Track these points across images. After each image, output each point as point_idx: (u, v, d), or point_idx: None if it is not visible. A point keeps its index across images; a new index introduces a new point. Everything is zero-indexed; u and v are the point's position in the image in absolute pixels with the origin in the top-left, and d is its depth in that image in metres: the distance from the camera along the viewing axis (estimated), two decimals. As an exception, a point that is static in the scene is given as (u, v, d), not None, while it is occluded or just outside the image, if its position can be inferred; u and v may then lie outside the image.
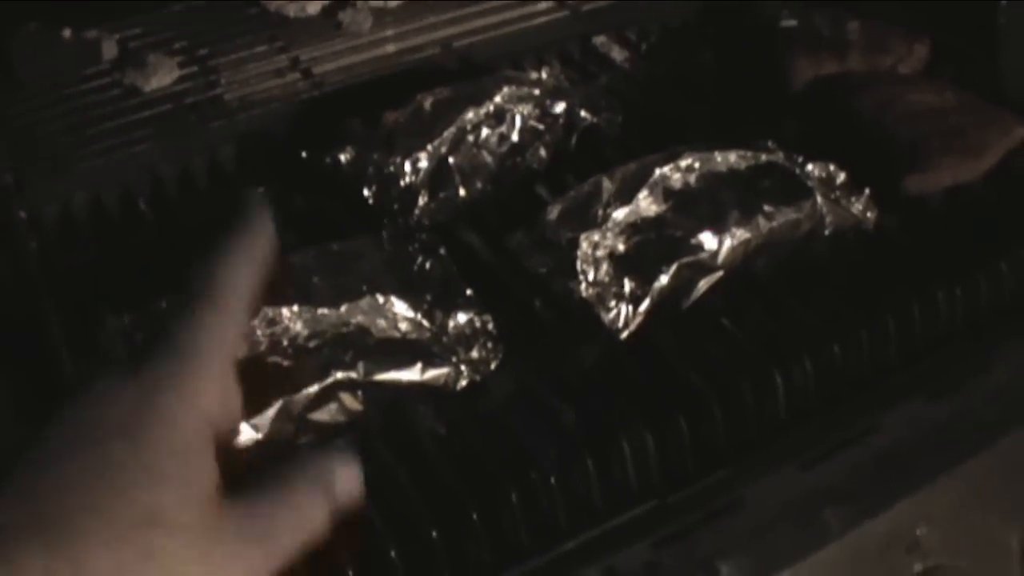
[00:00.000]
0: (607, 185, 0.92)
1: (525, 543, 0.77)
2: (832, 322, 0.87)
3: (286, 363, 0.80)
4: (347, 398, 0.79)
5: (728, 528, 0.82)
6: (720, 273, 0.88)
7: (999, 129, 1.02)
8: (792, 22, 1.17)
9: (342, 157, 1.01)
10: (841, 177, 0.96)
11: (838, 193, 0.95)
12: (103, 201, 1.05)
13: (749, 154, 0.95)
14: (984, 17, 1.17)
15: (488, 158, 1.01)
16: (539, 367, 0.84)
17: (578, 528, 0.78)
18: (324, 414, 0.79)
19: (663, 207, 0.90)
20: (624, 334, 0.84)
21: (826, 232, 0.93)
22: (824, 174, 0.96)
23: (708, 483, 0.82)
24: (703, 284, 0.87)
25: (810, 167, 0.96)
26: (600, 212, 0.89)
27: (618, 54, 1.23)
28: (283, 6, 1.17)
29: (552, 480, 0.77)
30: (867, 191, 0.95)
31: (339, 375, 0.79)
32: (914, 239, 0.96)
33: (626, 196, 0.90)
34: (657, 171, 0.91)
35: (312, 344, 0.81)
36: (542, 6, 1.25)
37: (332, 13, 1.19)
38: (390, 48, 1.13)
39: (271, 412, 0.77)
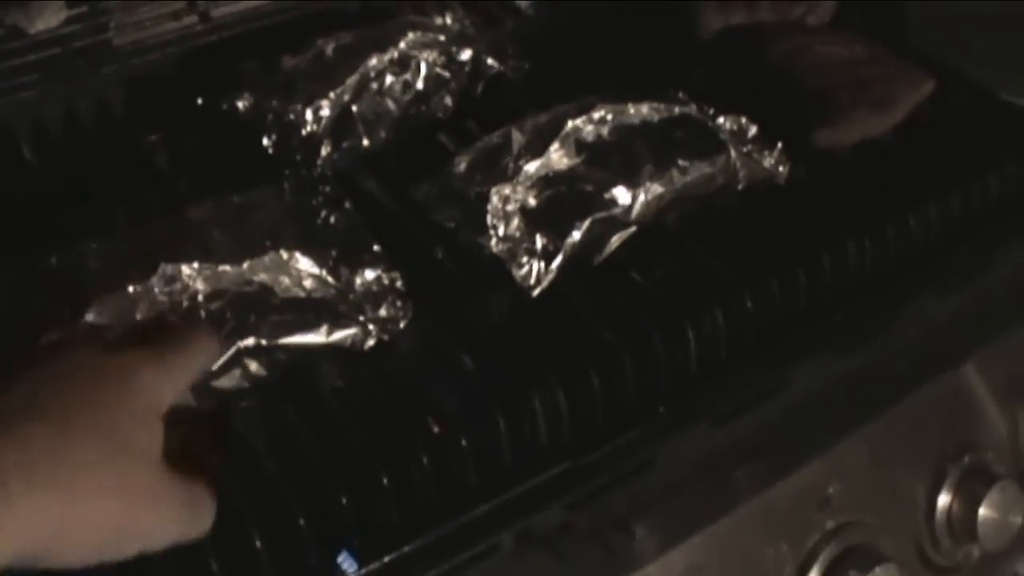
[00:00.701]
0: (517, 137, 0.89)
1: (436, 505, 0.75)
2: (743, 274, 0.86)
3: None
4: (251, 363, 0.76)
5: (641, 488, 0.81)
6: (633, 228, 0.86)
7: (908, 83, 1.02)
8: (701, -28, 1.15)
9: (239, 103, 0.97)
10: (752, 130, 0.95)
11: (750, 147, 0.93)
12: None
13: (662, 106, 0.93)
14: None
15: (392, 106, 0.98)
16: (448, 324, 0.82)
17: (490, 490, 0.76)
18: (227, 380, 0.76)
19: (575, 160, 0.88)
20: (536, 291, 0.82)
21: (739, 187, 0.91)
22: (735, 127, 0.95)
23: (620, 443, 0.80)
24: (615, 239, 0.85)
25: (721, 120, 0.95)
26: (511, 165, 0.87)
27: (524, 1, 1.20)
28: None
29: (463, 441, 0.75)
30: (779, 145, 0.94)
31: (243, 343, 0.76)
32: (824, 191, 0.95)
33: (537, 148, 0.88)
34: (569, 123, 0.89)
35: (214, 305, 0.78)
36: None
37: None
38: (286, -7, 1.09)
39: None
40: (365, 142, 0.96)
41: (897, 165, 0.98)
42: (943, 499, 0.90)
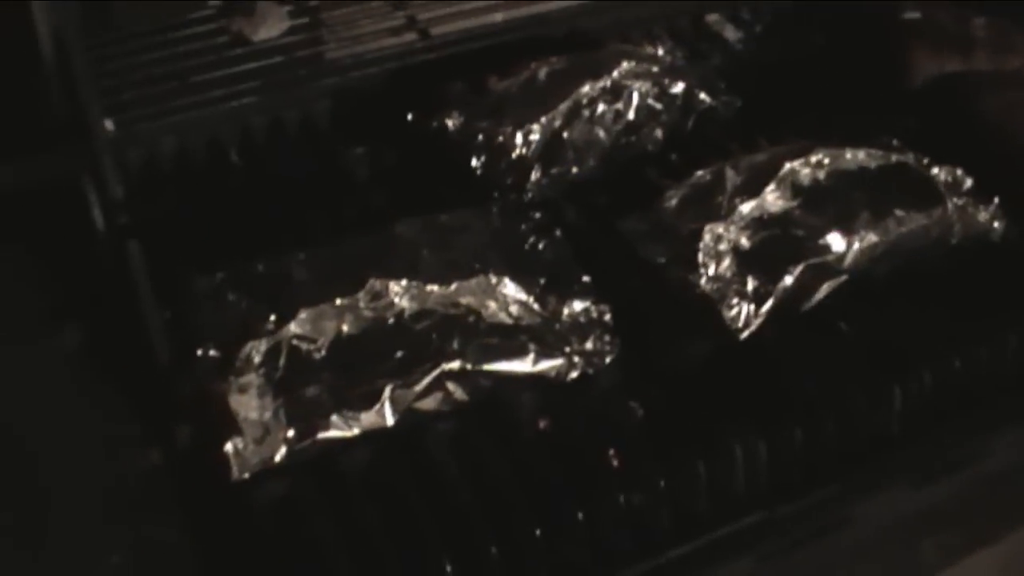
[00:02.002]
0: (731, 175, 0.88)
1: (625, 547, 0.74)
2: (952, 336, 0.84)
3: (398, 353, 0.77)
4: (453, 387, 0.76)
5: (835, 546, 0.79)
6: (844, 277, 0.84)
7: None
8: (916, 14, 1.12)
9: (449, 122, 0.97)
10: (968, 183, 0.92)
11: (965, 200, 0.91)
12: (192, 150, 1.01)
13: (879, 153, 0.91)
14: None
15: (602, 135, 0.97)
16: (653, 362, 0.81)
17: (682, 535, 0.75)
18: (429, 403, 0.76)
19: (791, 203, 0.86)
20: (744, 334, 0.81)
21: (953, 241, 0.89)
22: (950, 178, 0.92)
23: (817, 497, 0.78)
24: (826, 287, 0.83)
25: (936, 170, 0.92)
26: (724, 203, 0.86)
27: (731, 33, 1.18)
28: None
29: (661, 482, 0.73)
30: (996, 200, 0.91)
31: (448, 366, 0.76)
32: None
33: (753, 189, 0.86)
34: (787, 165, 0.88)
35: (419, 325, 0.78)
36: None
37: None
38: (498, 17, 1.08)
39: (380, 406, 0.75)
40: (574, 169, 0.95)
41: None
42: None
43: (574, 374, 0.78)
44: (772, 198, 0.86)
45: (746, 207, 0.85)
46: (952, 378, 0.82)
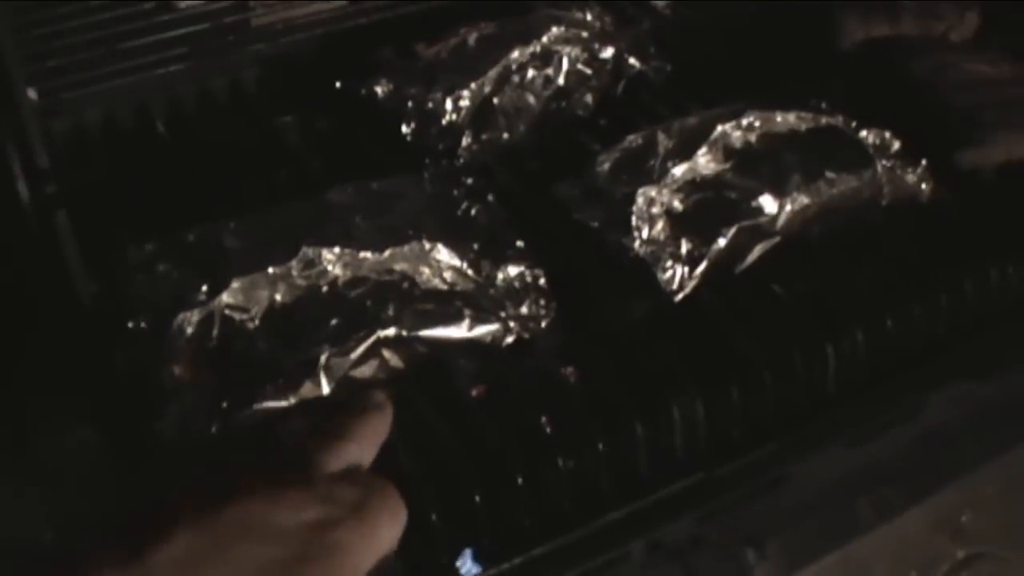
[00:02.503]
0: (663, 139, 0.88)
1: (568, 509, 0.74)
2: (885, 294, 0.84)
3: (333, 321, 0.76)
4: (389, 354, 0.75)
5: (774, 505, 0.80)
6: (777, 238, 0.84)
7: (1055, 104, 0.99)
8: (842, -20, 1.13)
9: (378, 89, 0.96)
10: (896, 145, 0.93)
11: (894, 162, 0.91)
12: (119, 118, 0.99)
13: (809, 116, 0.92)
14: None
15: (532, 100, 0.97)
16: (589, 325, 0.81)
17: (623, 497, 0.75)
18: (365, 370, 0.75)
19: (723, 166, 0.86)
20: (679, 296, 0.81)
21: (883, 202, 0.89)
22: (879, 141, 0.93)
23: (756, 457, 0.79)
24: (758, 248, 0.84)
25: (864, 133, 0.93)
26: (657, 167, 0.86)
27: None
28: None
29: (599, 445, 0.74)
30: (923, 162, 0.92)
31: (383, 333, 0.75)
32: (967, 213, 0.92)
33: (685, 152, 0.86)
34: (718, 128, 0.88)
35: (353, 293, 0.77)
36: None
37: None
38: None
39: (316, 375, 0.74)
40: (505, 135, 0.95)
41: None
42: (1080, 537, 0.87)
43: (510, 339, 0.78)
44: (704, 161, 0.86)
45: (678, 170, 0.85)
46: (885, 337, 0.83)
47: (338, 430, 0.63)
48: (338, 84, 0.97)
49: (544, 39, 0.99)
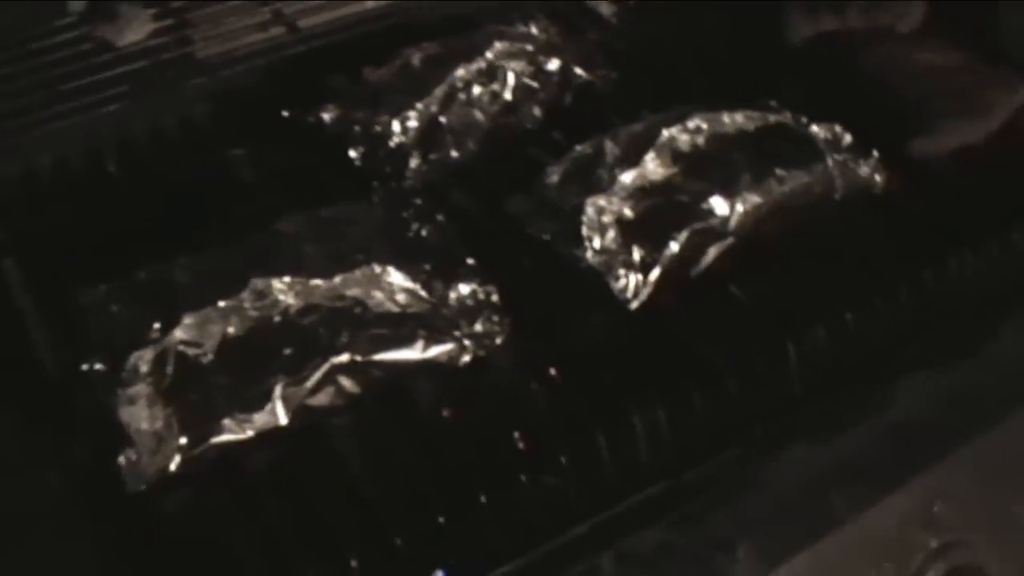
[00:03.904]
0: (610, 147, 0.88)
1: (536, 525, 0.73)
2: (845, 290, 0.84)
3: (286, 351, 0.75)
4: (345, 381, 0.75)
5: (743, 507, 0.79)
6: (731, 240, 0.84)
7: (1004, 89, 0.99)
8: (790, -23, 1.13)
9: (325, 116, 0.95)
10: (847, 139, 0.92)
11: (845, 155, 0.91)
12: (70, 161, 0.99)
13: (756, 115, 0.91)
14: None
15: (480, 117, 0.97)
16: (546, 339, 0.80)
17: (590, 510, 0.74)
18: (322, 398, 0.75)
19: (672, 170, 0.86)
20: (634, 304, 0.80)
21: (836, 196, 0.89)
22: (830, 135, 0.92)
23: (722, 461, 0.78)
24: (713, 251, 0.83)
25: (815, 128, 0.93)
26: (605, 175, 0.85)
27: (606, 8, 1.18)
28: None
29: (562, 459, 0.73)
30: (875, 154, 0.91)
31: (337, 359, 0.75)
32: (922, 203, 0.92)
33: (632, 158, 0.86)
34: (664, 132, 0.87)
35: (306, 321, 0.76)
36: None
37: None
38: (369, 4, 1.06)
39: (272, 405, 0.73)
40: (454, 153, 0.94)
41: (994, 174, 0.95)
42: (1052, 520, 0.87)
43: (466, 357, 0.77)
44: (653, 166, 0.86)
45: (627, 177, 0.85)
46: (847, 332, 0.82)
47: None
48: (285, 113, 0.97)
49: (489, 55, 0.98)
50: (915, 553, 0.82)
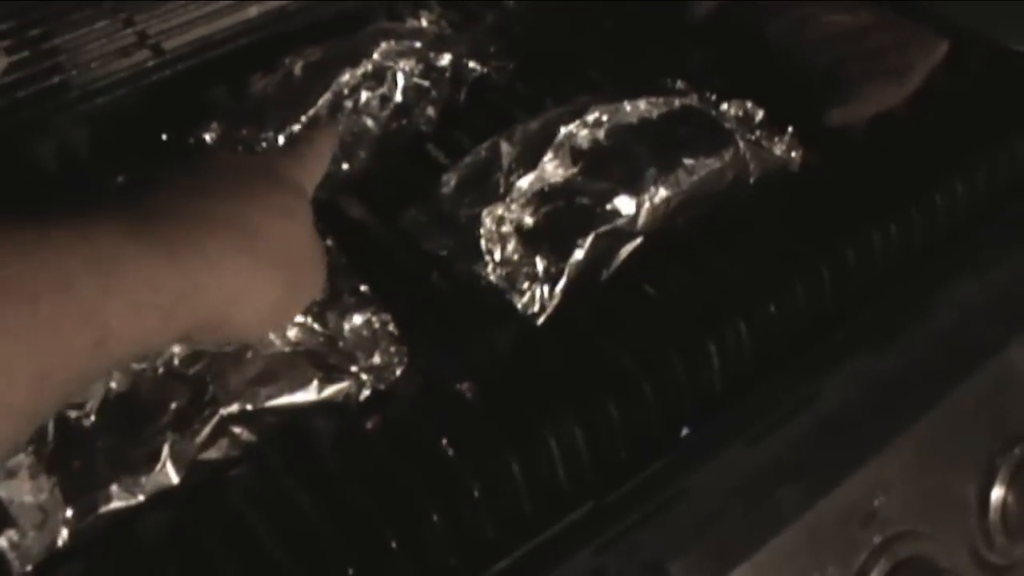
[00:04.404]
0: (506, 148, 0.83)
1: (453, 564, 0.69)
2: (764, 278, 0.80)
3: (173, 404, 0.70)
4: (238, 430, 0.70)
5: (674, 522, 0.75)
6: (640, 239, 0.79)
7: (921, 48, 0.95)
8: (688, -55, 1.08)
9: (207, 136, 0.90)
10: (759, 115, 0.88)
11: (759, 133, 0.87)
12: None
13: (661, 100, 0.86)
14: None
15: (371, 124, 0.91)
16: (448, 362, 0.76)
17: (511, 542, 0.70)
18: (215, 451, 0.70)
19: (572, 170, 0.81)
20: (541, 319, 0.76)
21: (751, 180, 0.85)
22: (741, 112, 0.88)
23: (646, 476, 0.74)
24: (623, 252, 0.79)
25: (725, 106, 0.89)
26: (502, 181, 0.80)
27: (505, -10, 1.13)
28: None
29: (474, 491, 0.69)
30: (790, 130, 0.87)
31: (226, 410, 0.70)
32: (841, 176, 0.89)
33: (529, 161, 0.81)
34: (562, 130, 0.82)
35: (192, 370, 0.71)
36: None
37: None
38: (252, 11, 1.00)
39: (162, 465, 0.69)
40: (345, 166, 0.89)
41: (916, 139, 0.91)
42: (996, 495, 0.83)
43: (366, 392, 0.73)
44: (551, 168, 0.81)
45: (524, 182, 0.80)
46: (770, 323, 0.79)
47: None
48: (164, 136, 0.91)
49: (375, 56, 0.93)
50: (858, 551, 0.79)
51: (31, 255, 0.53)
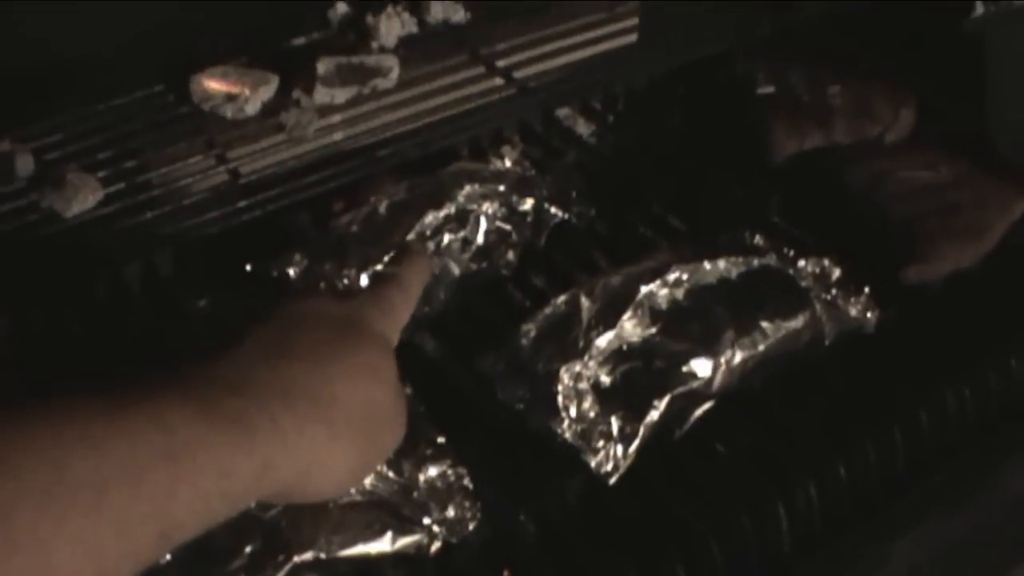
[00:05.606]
0: (586, 303, 0.83)
1: None
2: (835, 439, 0.80)
3: (247, 548, 0.71)
4: None
5: None
6: (714, 401, 0.80)
7: (999, 206, 0.96)
8: (770, 88, 1.09)
9: (291, 270, 0.91)
10: (836, 273, 0.89)
11: (835, 292, 0.87)
12: (29, 319, 0.94)
13: (739, 259, 0.87)
14: (967, 67, 1.10)
15: (452, 266, 0.92)
16: (520, 515, 0.76)
17: None
18: None
19: (650, 330, 0.82)
20: (614, 478, 0.76)
21: (826, 342, 0.85)
22: (818, 270, 0.89)
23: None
24: (697, 413, 0.79)
25: (802, 263, 0.89)
26: (581, 337, 0.81)
27: (584, 127, 1.14)
28: (219, 107, 1.03)
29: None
30: (866, 290, 0.88)
31: (300, 557, 0.70)
32: (916, 336, 0.89)
33: (609, 319, 0.82)
34: (643, 289, 0.83)
35: (268, 515, 0.72)
36: (495, 83, 1.09)
37: (273, 112, 1.02)
38: (337, 136, 1.01)
39: None
40: (425, 308, 0.90)
41: (992, 298, 0.92)
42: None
43: (437, 545, 0.73)
44: (630, 326, 0.81)
45: (603, 340, 0.81)
46: (840, 485, 0.79)
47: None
48: (248, 267, 0.92)
49: (459, 198, 0.94)
50: None
51: (101, 444, 0.52)
